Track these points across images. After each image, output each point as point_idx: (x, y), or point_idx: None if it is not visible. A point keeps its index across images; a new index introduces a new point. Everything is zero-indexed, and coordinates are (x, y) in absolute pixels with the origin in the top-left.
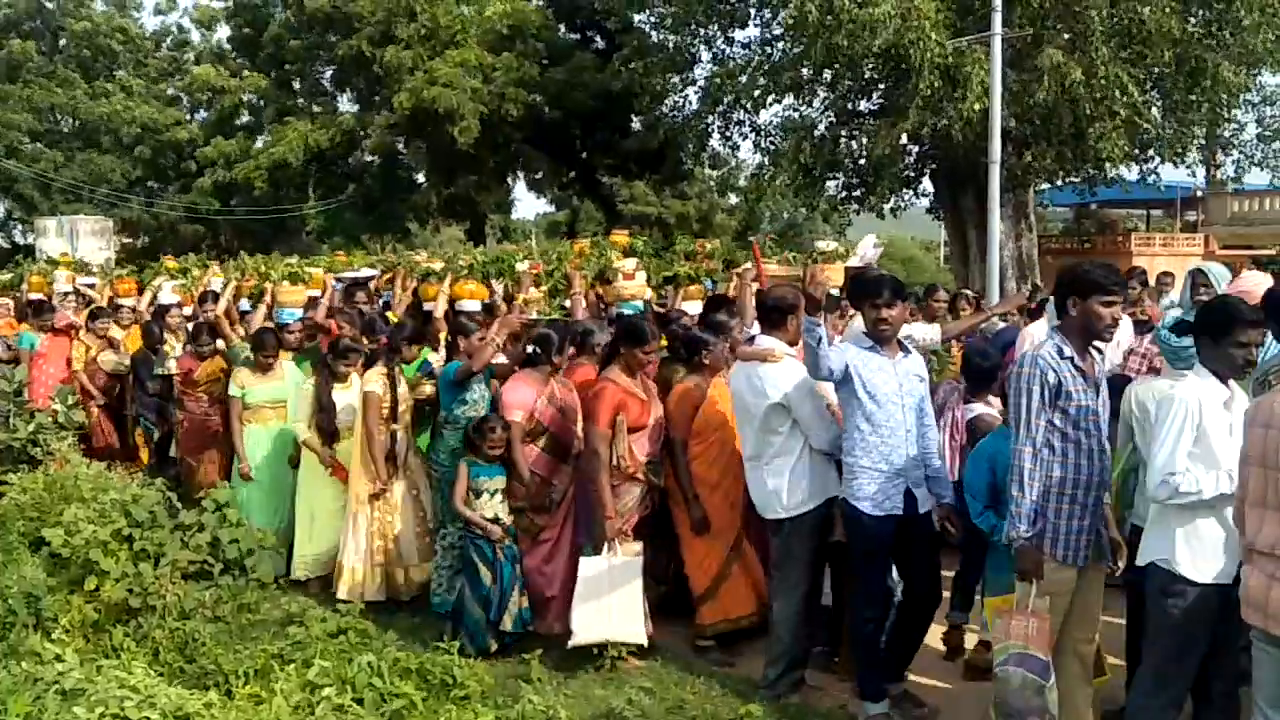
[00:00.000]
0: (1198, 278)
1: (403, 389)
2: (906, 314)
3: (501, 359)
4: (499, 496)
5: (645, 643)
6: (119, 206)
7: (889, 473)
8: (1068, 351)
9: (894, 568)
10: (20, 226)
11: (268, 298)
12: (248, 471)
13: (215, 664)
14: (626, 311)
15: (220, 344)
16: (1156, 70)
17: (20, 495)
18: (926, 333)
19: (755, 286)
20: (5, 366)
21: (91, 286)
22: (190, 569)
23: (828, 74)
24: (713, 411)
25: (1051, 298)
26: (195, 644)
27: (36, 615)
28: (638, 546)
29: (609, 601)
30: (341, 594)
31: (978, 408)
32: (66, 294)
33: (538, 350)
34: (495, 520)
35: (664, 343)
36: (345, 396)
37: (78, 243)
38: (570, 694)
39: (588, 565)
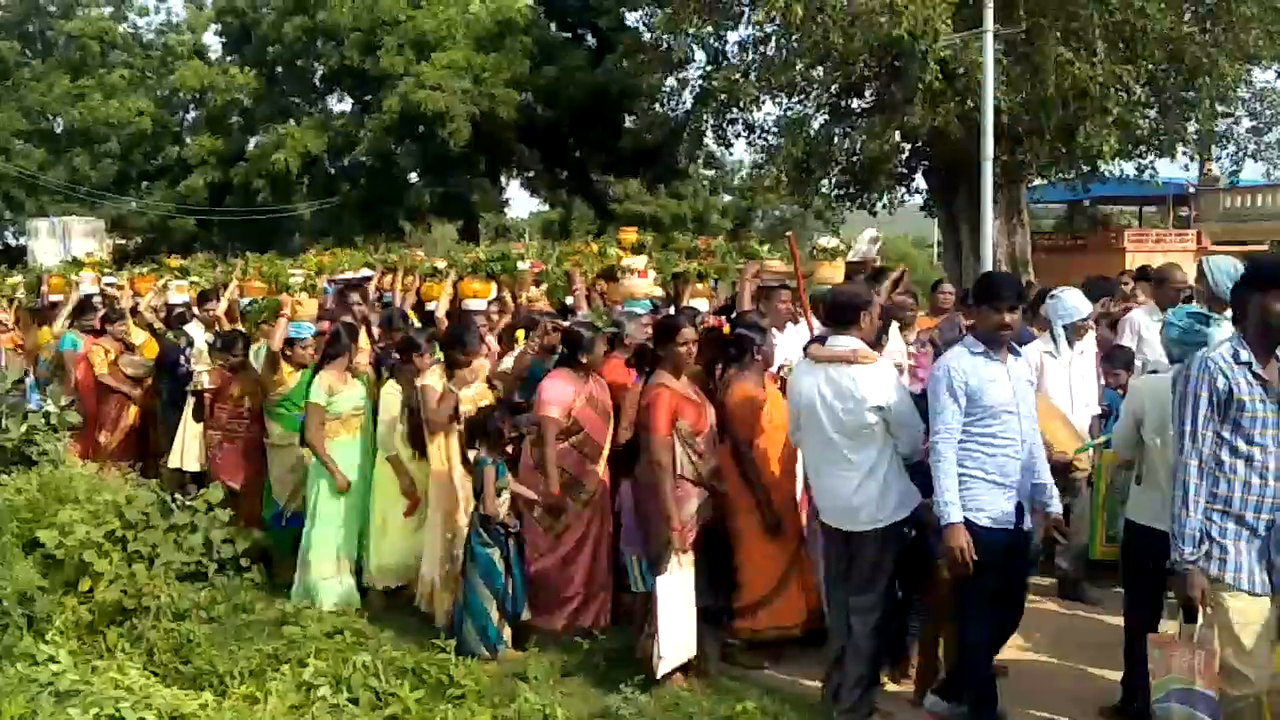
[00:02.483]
0: (1199, 269)
1: (466, 390)
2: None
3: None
4: (506, 494)
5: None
6: (107, 205)
7: (1005, 485)
8: (1244, 356)
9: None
10: (10, 229)
11: (286, 309)
12: (345, 485)
13: (210, 664)
14: (620, 315)
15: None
16: (1151, 66)
17: (14, 496)
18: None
19: (756, 283)
20: None
21: (118, 286)
22: (184, 570)
23: (819, 71)
24: (771, 411)
25: (1050, 294)
26: (190, 645)
27: (30, 617)
28: (691, 557)
29: (689, 620)
30: (423, 605)
31: None
32: (91, 295)
33: (567, 349)
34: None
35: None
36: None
37: (70, 243)
38: (567, 692)
39: (666, 588)
